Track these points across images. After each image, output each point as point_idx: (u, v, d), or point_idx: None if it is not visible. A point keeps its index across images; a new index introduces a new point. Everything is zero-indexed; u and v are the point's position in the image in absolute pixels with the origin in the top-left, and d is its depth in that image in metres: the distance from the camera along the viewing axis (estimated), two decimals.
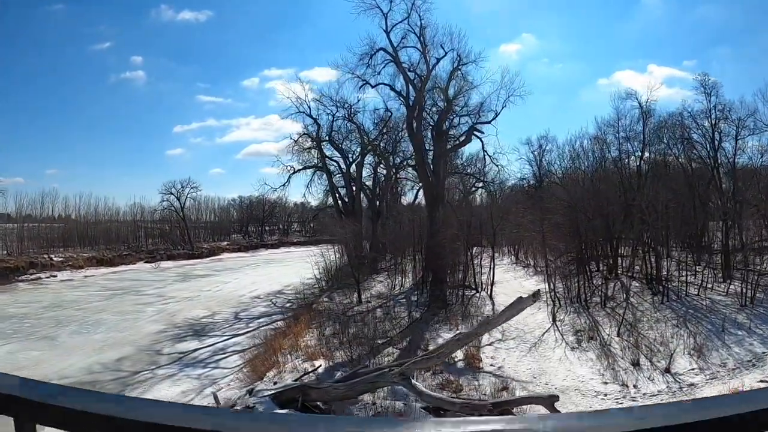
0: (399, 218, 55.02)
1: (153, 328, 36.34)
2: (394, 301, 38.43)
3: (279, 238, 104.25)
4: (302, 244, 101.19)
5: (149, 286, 54.73)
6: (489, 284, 40.03)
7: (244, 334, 35.46)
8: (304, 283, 54.58)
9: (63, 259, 67.85)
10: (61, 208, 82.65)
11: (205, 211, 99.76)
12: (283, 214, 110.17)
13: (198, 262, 77.95)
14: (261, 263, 76.33)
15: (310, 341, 28.64)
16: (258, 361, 26.61)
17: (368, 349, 26.87)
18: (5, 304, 45.42)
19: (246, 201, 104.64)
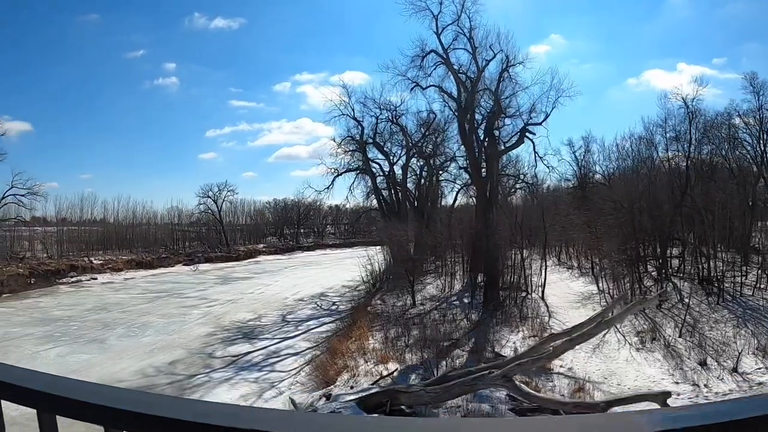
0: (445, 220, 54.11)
1: (201, 331, 35.78)
2: (447, 304, 37.48)
3: (314, 241, 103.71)
4: (337, 246, 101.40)
5: (191, 289, 54.22)
6: (541, 286, 38.97)
7: (294, 337, 34.85)
8: (346, 285, 54.15)
9: (103, 262, 67.74)
10: (100, 212, 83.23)
11: (240, 214, 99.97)
12: (317, 216, 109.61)
13: (236, 265, 77.49)
14: (299, 266, 75.77)
15: (375, 344, 27.90)
16: (324, 364, 25.82)
17: (435, 351, 26.05)
18: (49, 307, 45.27)
19: (281, 204, 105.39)
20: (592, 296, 38.14)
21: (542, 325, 31.96)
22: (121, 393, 1.71)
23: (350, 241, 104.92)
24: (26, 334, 35.13)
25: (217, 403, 1.85)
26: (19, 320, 39.91)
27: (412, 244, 51.69)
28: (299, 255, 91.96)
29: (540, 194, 55.04)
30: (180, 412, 1.54)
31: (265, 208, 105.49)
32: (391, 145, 56.32)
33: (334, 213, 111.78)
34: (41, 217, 72.93)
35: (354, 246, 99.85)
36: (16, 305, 46.72)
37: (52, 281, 59.28)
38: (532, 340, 28.85)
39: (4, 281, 54.28)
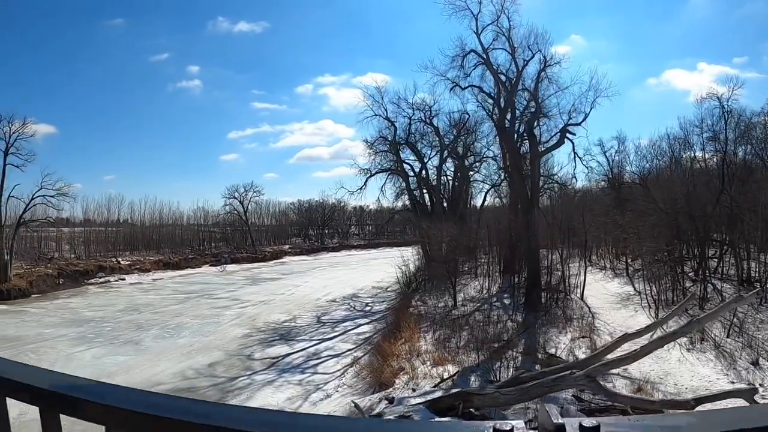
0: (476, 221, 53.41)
1: (237, 332, 35.24)
2: (489, 305, 36.70)
3: (339, 242, 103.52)
4: (362, 247, 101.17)
5: (221, 290, 53.83)
6: (580, 287, 38.18)
7: (332, 338, 34.25)
8: (376, 286, 53.67)
9: (130, 263, 67.69)
10: (126, 213, 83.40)
11: (265, 215, 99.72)
12: (341, 217, 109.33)
13: (262, 266, 77.16)
14: (326, 266, 75.31)
15: (426, 346, 27.20)
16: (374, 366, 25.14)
17: (488, 353, 25.33)
18: (80, 308, 45.00)
19: (305, 204, 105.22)
20: (630, 297, 37.19)
21: (589, 326, 31.08)
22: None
23: (375, 242, 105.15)
24: (60, 335, 34.75)
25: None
26: (51, 321, 39.60)
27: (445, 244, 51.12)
28: (325, 256, 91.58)
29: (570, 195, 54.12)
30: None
31: (288, 208, 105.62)
32: (422, 146, 55.58)
33: (358, 214, 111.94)
34: (65, 218, 72.74)
35: (379, 247, 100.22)
36: (47, 306, 46.50)
37: (80, 282, 59.22)
38: (582, 341, 28.47)
39: (33, 282, 54.18)
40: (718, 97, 42.74)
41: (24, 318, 41.08)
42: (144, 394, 1.64)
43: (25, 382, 1.74)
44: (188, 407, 1.57)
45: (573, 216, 44.97)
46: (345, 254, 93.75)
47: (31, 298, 50.76)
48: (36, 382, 1.72)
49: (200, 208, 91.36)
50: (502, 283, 41.88)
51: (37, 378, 1.76)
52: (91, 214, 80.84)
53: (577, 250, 43.27)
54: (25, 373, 1.82)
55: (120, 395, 1.63)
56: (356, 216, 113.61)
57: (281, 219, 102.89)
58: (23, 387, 1.74)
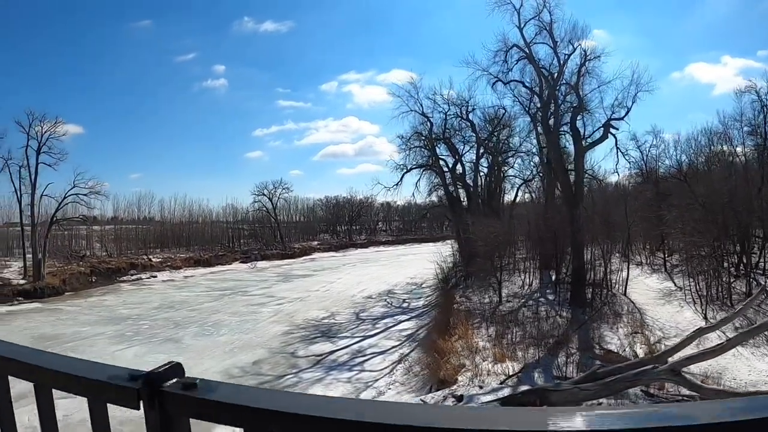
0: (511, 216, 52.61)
1: (277, 330, 34.80)
2: (534, 301, 35.96)
3: (367, 238, 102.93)
4: (390, 243, 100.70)
5: (254, 287, 53.49)
6: (621, 283, 37.45)
7: (374, 335, 33.82)
8: (411, 282, 53.18)
9: (161, 260, 67.75)
10: (156, 210, 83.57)
11: (294, 211, 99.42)
12: (368, 214, 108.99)
13: (292, 262, 76.76)
14: (356, 263, 74.77)
15: (481, 342, 26.57)
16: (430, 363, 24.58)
17: (545, 349, 24.75)
18: (115, 306, 44.86)
19: (332, 201, 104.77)
20: (672, 293, 36.40)
21: (639, 323, 30.28)
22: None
23: (402, 238, 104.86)
24: (97, 333, 34.48)
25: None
26: (87, 319, 39.39)
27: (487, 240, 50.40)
28: (353, 252, 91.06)
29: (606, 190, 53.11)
30: None
31: (316, 205, 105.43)
32: (456, 141, 54.78)
33: (385, 210, 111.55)
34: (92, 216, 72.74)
35: (406, 243, 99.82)
36: (81, 304, 46.39)
37: (113, 279, 59.31)
38: (635, 336, 27.86)
39: (66, 280, 54.25)
40: (756, 91, 41.98)
41: (60, 316, 40.92)
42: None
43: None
44: None
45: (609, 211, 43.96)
46: (374, 250, 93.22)
47: (65, 296, 50.75)
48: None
49: (229, 206, 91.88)
50: (542, 278, 41.13)
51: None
52: (122, 212, 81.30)
53: (617, 245, 42.34)
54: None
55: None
56: (383, 212, 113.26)
57: (309, 215, 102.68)
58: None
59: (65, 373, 1.80)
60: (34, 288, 50.73)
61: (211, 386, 1.62)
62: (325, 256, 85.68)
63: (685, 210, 39.03)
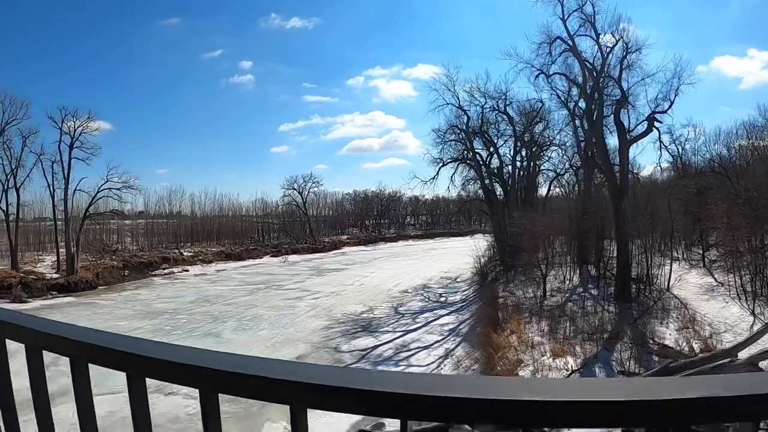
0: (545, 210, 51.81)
1: (316, 324, 34.43)
2: (577, 295, 35.28)
3: (396, 232, 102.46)
4: (419, 237, 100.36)
5: (287, 281, 53.26)
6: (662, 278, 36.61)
7: (416, 329, 33.37)
8: (445, 276, 52.74)
9: (193, 254, 67.69)
10: (187, 205, 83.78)
11: (323, 206, 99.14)
12: (397, 208, 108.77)
13: (323, 256, 76.70)
14: (387, 257, 74.31)
15: (535, 337, 25.99)
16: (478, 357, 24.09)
17: (599, 344, 24.18)
18: (150, 300, 44.78)
19: (360, 195, 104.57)
20: (714, 288, 35.51)
21: (689, 318, 29.52)
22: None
23: (431, 233, 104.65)
24: (135, 327, 34.28)
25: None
26: (123, 313, 39.31)
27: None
28: (383, 246, 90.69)
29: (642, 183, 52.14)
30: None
31: (345, 199, 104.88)
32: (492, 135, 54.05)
33: (414, 204, 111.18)
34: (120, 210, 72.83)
35: (435, 237, 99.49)
36: (116, 298, 46.40)
37: (145, 273, 59.47)
38: (686, 331, 27.25)
39: (99, 273, 54.32)
40: None
41: (95, 310, 40.88)
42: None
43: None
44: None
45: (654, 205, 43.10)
46: (403, 244, 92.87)
47: (98, 290, 50.88)
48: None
49: (259, 199, 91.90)
50: (581, 273, 40.48)
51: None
52: (152, 207, 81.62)
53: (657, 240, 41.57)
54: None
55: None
56: (412, 206, 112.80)
57: (337, 210, 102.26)
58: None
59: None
60: (68, 282, 50.86)
61: None
62: (355, 250, 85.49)
63: (730, 205, 38.17)
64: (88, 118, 57.20)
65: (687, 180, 50.49)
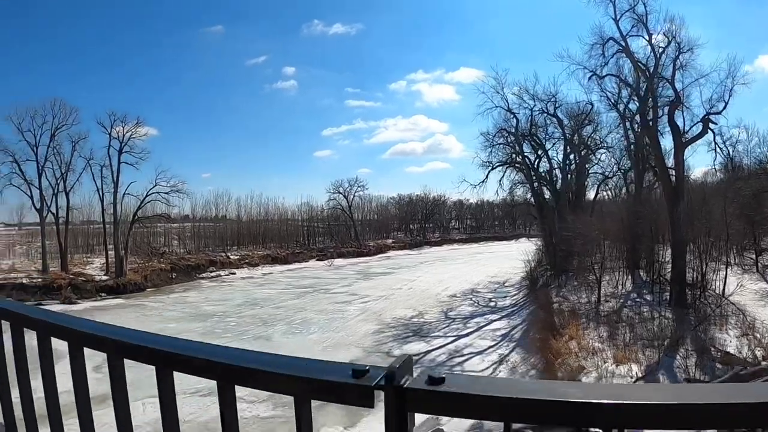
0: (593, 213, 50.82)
1: (367, 328, 34.23)
2: (632, 301, 34.42)
3: (441, 236, 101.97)
4: (464, 241, 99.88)
5: (335, 285, 53.17)
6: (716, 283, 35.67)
7: (468, 334, 32.97)
8: (493, 281, 52.18)
9: (239, 257, 68.14)
10: (233, 209, 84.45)
11: (368, 210, 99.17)
12: (441, 212, 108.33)
13: (369, 260, 76.49)
14: (432, 261, 73.76)
15: (595, 343, 25.30)
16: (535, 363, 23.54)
17: (659, 350, 23.49)
18: (198, 302, 45.05)
19: (405, 199, 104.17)
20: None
21: (749, 324, 28.57)
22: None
23: (475, 237, 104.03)
24: (185, 329, 34.36)
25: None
26: (172, 315, 39.48)
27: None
28: (428, 250, 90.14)
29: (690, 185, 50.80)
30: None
31: (389, 203, 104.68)
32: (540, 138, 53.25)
33: (458, 208, 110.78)
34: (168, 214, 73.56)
35: (480, 241, 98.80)
36: (164, 300, 46.73)
37: (192, 276, 59.94)
38: (747, 338, 26.45)
39: (147, 276, 54.85)
40: None
41: (144, 312, 41.15)
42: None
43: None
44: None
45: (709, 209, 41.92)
46: (448, 248, 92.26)
47: (147, 292, 51.41)
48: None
49: (305, 203, 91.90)
50: (633, 278, 39.55)
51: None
52: (199, 210, 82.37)
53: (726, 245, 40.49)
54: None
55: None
56: (456, 210, 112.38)
57: (381, 213, 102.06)
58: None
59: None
60: (117, 284, 51.49)
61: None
62: (401, 254, 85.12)
63: None
64: (137, 124, 58.36)
65: (741, 182, 49.13)
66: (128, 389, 2.34)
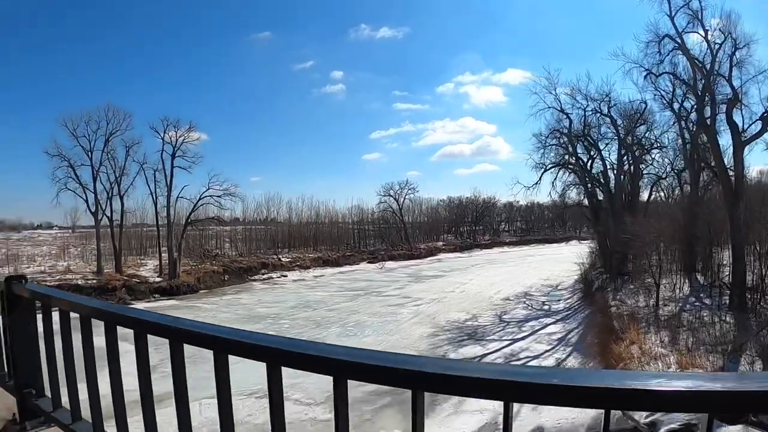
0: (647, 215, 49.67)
1: (421, 331, 34.06)
2: (690, 305, 33.46)
3: (491, 239, 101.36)
4: (514, 244, 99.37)
5: (386, 287, 53.12)
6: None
7: (523, 338, 32.60)
8: (546, 284, 51.61)
9: (291, 260, 68.47)
10: (285, 211, 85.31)
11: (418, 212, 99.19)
12: (491, 214, 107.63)
13: (419, 263, 76.49)
14: (483, 263, 73.45)
15: (656, 348, 24.64)
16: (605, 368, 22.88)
17: (722, 356, 22.84)
18: (251, 304, 45.40)
19: (455, 201, 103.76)
20: None
21: None
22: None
23: (525, 239, 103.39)
24: None
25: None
26: (226, 317, 39.71)
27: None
28: (478, 253, 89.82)
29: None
30: None
31: (439, 205, 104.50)
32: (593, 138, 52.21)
33: (508, 210, 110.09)
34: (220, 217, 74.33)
35: (530, 243, 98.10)
36: (218, 301, 47.14)
37: (244, 278, 60.60)
38: None
39: (200, 278, 55.46)
40: None
41: (198, 313, 41.44)
42: None
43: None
44: None
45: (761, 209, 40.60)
46: (498, 251, 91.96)
47: (200, 294, 51.97)
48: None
49: (355, 206, 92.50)
50: (690, 281, 38.50)
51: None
52: (250, 213, 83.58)
53: None
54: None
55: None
56: (506, 212, 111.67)
57: (431, 216, 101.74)
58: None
59: None
60: (170, 285, 52.19)
61: None
62: (451, 256, 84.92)
63: None
64: (189, 129, 59.19)
65: None
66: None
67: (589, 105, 50.36)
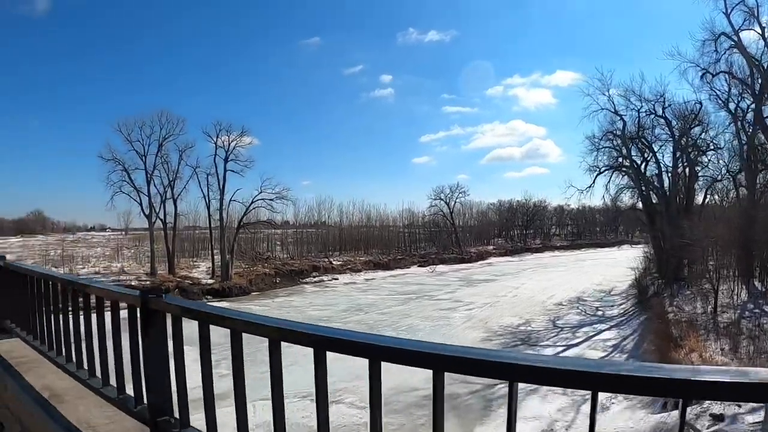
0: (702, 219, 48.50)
1: (474, 336, 34.04)
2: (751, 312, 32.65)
3: (542, 242, 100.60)
4: (565, 248, 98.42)
5: (438, 291, 53.12)
6: None
7: (578, 344, 32.53)
8: (599, 290, 51.06)
9: (342, 263, 68.98)
10: (336, 215, 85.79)
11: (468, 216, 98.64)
12: (541, 218, 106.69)
13: (470, 266, 76.44)
14: (535, 268, 72.99)
15: (717, 357, 24.16)
16: None
17: None
18: (303, 307, 45.87)
19: (505, 204, 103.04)
20: None
21: None
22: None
23: (577, 243, 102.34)
24: None
25: None
26: None
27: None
28: (529, 257, 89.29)
29: None
30: None
31: (489, 209, 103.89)
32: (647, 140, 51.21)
33: (559, 214, 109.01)
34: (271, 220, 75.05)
35: (581, 248, 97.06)
36: (269, 303, 47.56)
37: (296, 280, 61.27)
38: None
39: (252, 280, 56.10)
40: None
41: None
42: None
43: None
44: None
45: None
46: (549, 255, 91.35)
47: (251, 296, 52.56)
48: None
49: (406, 209, 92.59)
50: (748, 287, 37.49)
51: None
52: (302, 216, 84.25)
53: None
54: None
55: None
56: (557, 216, 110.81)
57: (481, 219, 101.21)
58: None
59: None
60: (222, 287, 53.01)
61: None
62: (502, 260, 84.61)
63: None
64: (241, 133, 60.35)
65: None
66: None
67: (643, 106, 49.71)
